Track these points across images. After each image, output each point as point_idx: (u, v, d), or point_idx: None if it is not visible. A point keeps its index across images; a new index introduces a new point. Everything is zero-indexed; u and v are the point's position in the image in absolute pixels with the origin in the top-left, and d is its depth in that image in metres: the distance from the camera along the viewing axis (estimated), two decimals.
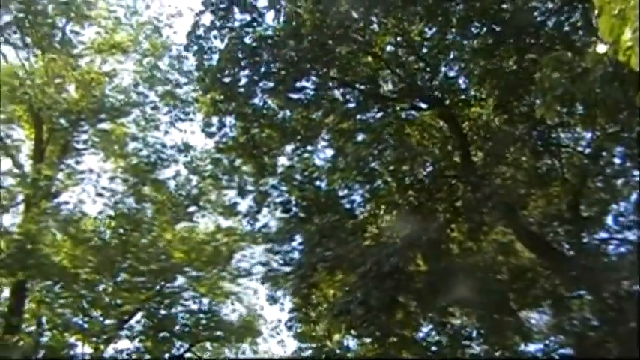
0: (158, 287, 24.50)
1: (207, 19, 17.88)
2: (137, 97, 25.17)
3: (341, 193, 20.35)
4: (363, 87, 18.77)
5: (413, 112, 19.33)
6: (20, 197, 24.35)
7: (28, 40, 24.54)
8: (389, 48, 18.63)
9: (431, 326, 19.73)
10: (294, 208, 20.18)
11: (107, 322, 23.82)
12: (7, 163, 24.74)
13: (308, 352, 21.12)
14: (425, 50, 18.16)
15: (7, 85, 23.75)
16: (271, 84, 18.32)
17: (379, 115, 19.02)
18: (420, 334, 20.11)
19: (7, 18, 24.58)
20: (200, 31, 17.94)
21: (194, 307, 25.14)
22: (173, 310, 24.78)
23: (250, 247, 24.53)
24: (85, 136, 25.13)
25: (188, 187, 24.98)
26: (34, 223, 22.65)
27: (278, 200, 20.38)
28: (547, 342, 20.07)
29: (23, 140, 25.47)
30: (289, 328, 21.17)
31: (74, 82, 24.02)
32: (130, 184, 24.43)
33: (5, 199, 24.35)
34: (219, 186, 23.74)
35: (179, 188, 24.99)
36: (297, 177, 20.37)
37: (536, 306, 19.86)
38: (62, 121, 24.29)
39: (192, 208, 24.86)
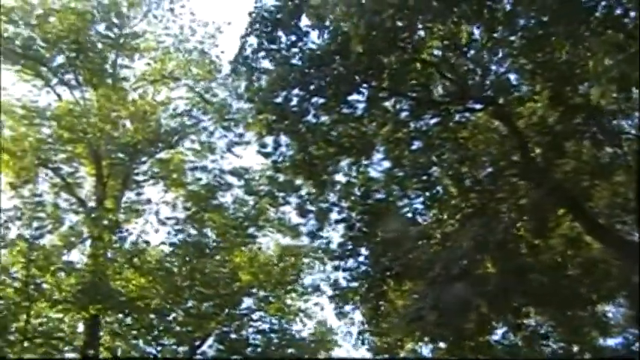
0: (227, 311, 24.68)
1: (253, 40, 18.04)
2: (191, 123, 25.51)
3: (401, 203, 20.25)
4: (414, 94, 18.68)
5: (467, 114, 19.14)
6: (85, 233, 24.81)
7: (81, 78, 25.14)
8: (437, 52, 18.53)
9: (506, 328, 19.51)
10: (356, 223, 20.11)
11: (180, 349, 24.04)
12: (70, 201, 25.34)
13: None
14: (473, 50, 17.99)
15: (64, 124, 24.32)
16: (322, 100, 18.36)
17: (433, 120, 18.88)
18: (495, 337, 19.96)
19: (60, 59, 25.29)
20: (247, 52, 18.09)
21: (264, 327, 25.23)
22: (244, 333, 24.92)
23: (316, 264, 24.69)
24: (144, 167, 25.56)
25: (247, 208, 25.12)
26: (100, 257, 23.08)
27: (339, 217, 20.36)
28: (626, 335, 19.66)
29: (84, 177, 25.95)
30: (362, 342, 21.17)
31: (129, 115, 24.44)
32: (192, 211, 24.67)
33: (71, 236, 24.87)
34: (277, 204, 23.94)
35: (238, 210, 25.14)
36: (356, 192, 20.30)
37: (611, 299, 19.49)
38: (120, 155, 24.72)
39: (252, 229, 25.03)
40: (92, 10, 25.48)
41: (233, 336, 24.62)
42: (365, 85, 18.25)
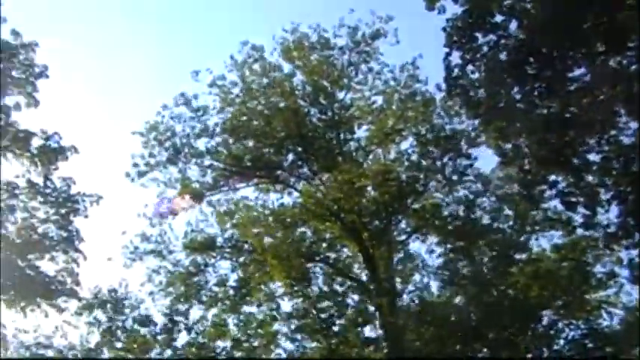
0: (529, 332, 24.13)
1: (455, 55, 18.02)
2: (429, 164, 25.76)
3: None
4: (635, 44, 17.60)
5: None
6: (371, 307, 25.51)
7: (314, 166, 26.24)
8: None
9: None
10: (628, 197, 18.96)
11: None
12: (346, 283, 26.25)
13: None
14: None
15: (315, 214, 25.46)
16: (543, 86, 17.86)
17: None
18: None
19: (290, 157, 26.60)
20: (455, 72, 18.07)
21: (572, 334, 24.35)
22: (555, 348, 24.21)
23: (601, 251, 23.59)
24: (402, 225, 26.06)
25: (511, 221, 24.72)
26: (392, 325, 23.55)
27: (608, 195, 19.31)
28: None
29: (350, 255, 26.78)
30: None
31: (369, 182, 25.00)
32: (461, 246, 24.67)
33: (358, 316, 25.69)
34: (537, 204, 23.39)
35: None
36: (615, 164, 19.23)
37: None
38: (376, 222, 25.35)
39: (522, 238, 24.57)
40: (302, 102, 26.73)
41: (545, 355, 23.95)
42: (579, 56, 17.54)
